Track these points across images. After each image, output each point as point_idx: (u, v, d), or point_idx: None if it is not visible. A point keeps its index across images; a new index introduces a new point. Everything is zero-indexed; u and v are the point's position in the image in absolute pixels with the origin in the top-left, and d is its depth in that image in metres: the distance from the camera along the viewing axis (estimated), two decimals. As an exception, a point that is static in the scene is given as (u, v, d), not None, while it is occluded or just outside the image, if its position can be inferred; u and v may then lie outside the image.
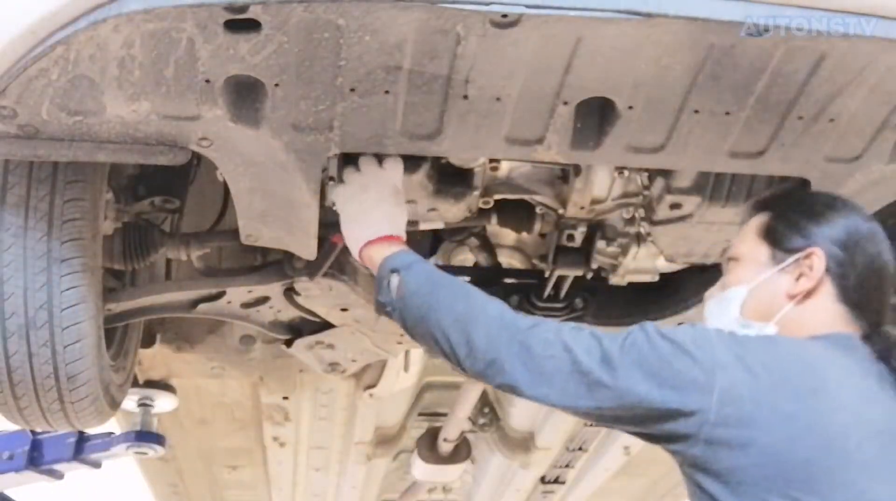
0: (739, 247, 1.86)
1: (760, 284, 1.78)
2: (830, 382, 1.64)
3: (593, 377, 1.68)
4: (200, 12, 1.63)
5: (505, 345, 1.75)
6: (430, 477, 4.47)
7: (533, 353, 1.72)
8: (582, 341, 1.71)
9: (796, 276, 1.76)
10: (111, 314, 2.50)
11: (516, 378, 1.74)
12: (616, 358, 1.67)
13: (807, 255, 1.76)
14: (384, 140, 1.92)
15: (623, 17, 1.67)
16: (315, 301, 2.59)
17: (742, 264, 1.83)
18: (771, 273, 1.78)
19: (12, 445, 3.93)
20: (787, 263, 1.77)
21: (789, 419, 1.59)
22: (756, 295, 1.79)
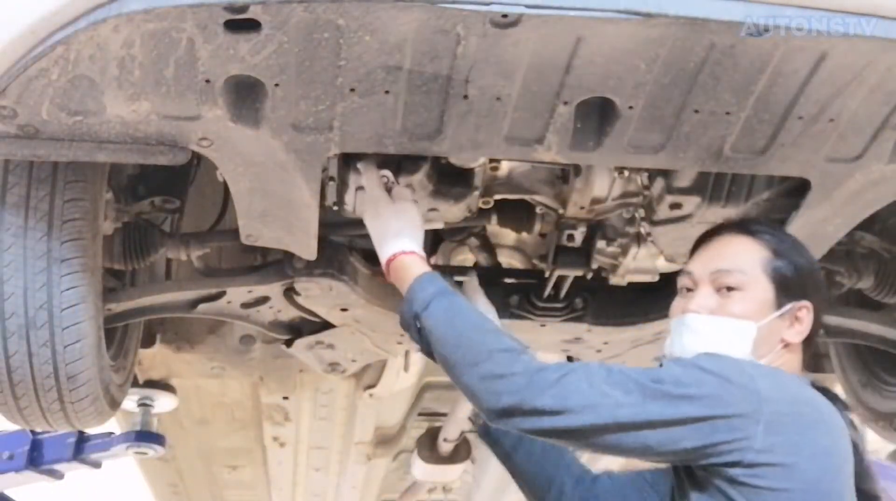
0: (741, 277, 1.86)
1: (764, 324, 1.84)
2: (843, 429, 1.80)
3: (635, 419, 1.71)
4: (200, 12, 1.63)
5: (538, 398, 1.74)
6: (430, 477, 4.46)
7: (569, 404, 1.72)
8: (619, 383, 1.73)
9: (788, 323, 1.85)
10: (111, 314, 2.50)
11: (558, 424, 1.74)
12: (657, 391, 1.72)
13: (801, 307, 1.85)
14: (384, 140, 1.92)
15: (623, 17, 1.67)
16: (315, 301, 2.59)
17: (746, 298, 1.85)
18: (774, 316, 1.84)
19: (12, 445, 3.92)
20: (786, 309, 1.84)
21: (826, 454, 1.73)
22: (759, 335, 1.84)
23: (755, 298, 1.85)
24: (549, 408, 1.72)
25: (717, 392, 1.72)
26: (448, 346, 1.87)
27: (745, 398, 1.71)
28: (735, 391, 1.72)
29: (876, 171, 2.05)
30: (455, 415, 3.89)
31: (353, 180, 2.19)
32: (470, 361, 1.81)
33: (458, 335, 1.86)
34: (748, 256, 1.88)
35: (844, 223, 2.25)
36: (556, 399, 1.72)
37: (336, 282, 2.50)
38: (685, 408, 1.71)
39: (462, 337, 1.85)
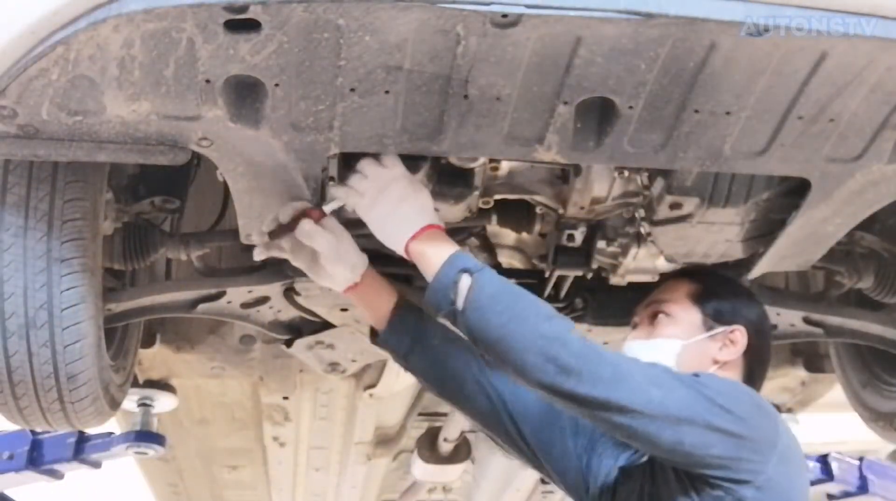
0: (671, 306, 2.16)
1: (692, 343, 2.10)
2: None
3: (681, 414, 1.85)
4: (200, 12, 1.63)
5: (595, 364, 1.84)
6: (430, 477, 4.46)
7: (624, 394, 1.84)
8: (671, 378, 1.91)
9: (720, 345, 2.11)
10: (111, 314, 2.50)
11: (612, 393, 1.84)
12: (705, 395, 1.88)
13: (733, 330, 2.11)
14: (384, 140, 1.92)
15: (623, 17, 1.67)
16: (315, 301, 2.59)
17: (675, 322, 2.14)
18: (703, 336, 2.11)
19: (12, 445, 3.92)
20: (717, 331, 2.11)
21: (805, 490, 1.99)
22: (687, 352, 2.09)
23: (682, 321, 2.13)
24: (612, 400, 1.83)
25: (750, 414, 1.91)
26: (496, 326, 1.87)
27: (769, 427, 1.94)
28: (763, 418, 1.94)
29: (876, 171, 2.05)
30: (455, 415, 3.89)
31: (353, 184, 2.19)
32: (522, 341, 1.85)
33: (515, 294, 1.91)
34: (679, 290, 2.19)
35: (844, 223, 2.25)
36: (612, 386, 1.83)
37: (336, 282, 2.49)
38: (724, 418, 1.86)
39: (512, 318, 1.87)
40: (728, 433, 1.86)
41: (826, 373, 3.40)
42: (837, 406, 3.40)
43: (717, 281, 2.23)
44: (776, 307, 2.72)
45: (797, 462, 2.00)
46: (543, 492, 4.96)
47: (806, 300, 2.87)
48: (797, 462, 2.00)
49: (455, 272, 1.91)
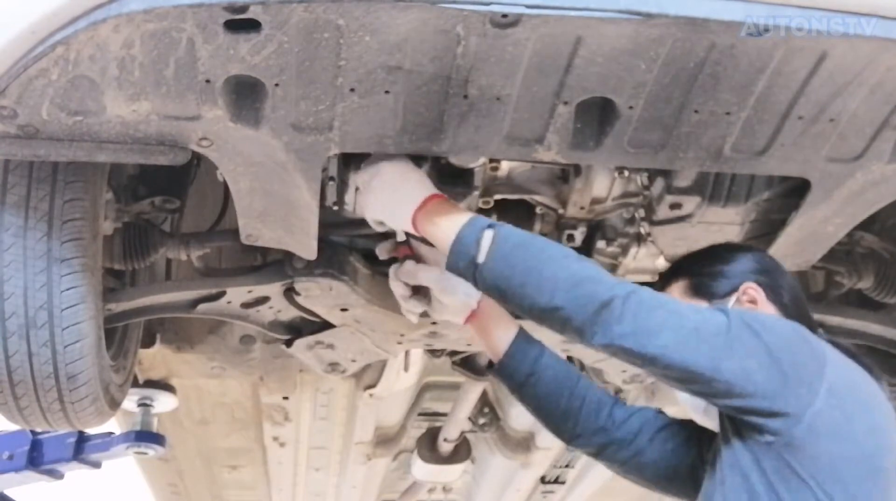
0: None
1: None
2: (890, 410, 1.88)
3: (720, 345, 1.75)
4: (200, 12, 1.63)
5: (628, 304, 1.76)
6: (430, 477, 4.46)
7: (655, 313, 1.77)
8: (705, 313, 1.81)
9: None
10: (111, 314, 2.50)
11: (652, 336, 1.76)
12: (740, 334, 1.76)
13: (743, 291, 1.96)
14: (384, 140, 1.92)
15: (623, 17, 1.67)
16: (315, 301, 2.59)
17: None
18: None
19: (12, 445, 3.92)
20: (731, 305, 1.95)
21: (881, 431, 1.81)
22: None
23: None
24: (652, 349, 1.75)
25: (789, 340, 1.81)
26: (522, 271, 1.82)
27: (811, 354, 1.81)
28: (803, 345, 1.82)
29: (876, 171, 2.05)
30: (455, 415, 3.89)
31: (353, 180, 2.19)
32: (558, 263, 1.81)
33: (537, 240, 1.86)
34: (675, 296, 2.01)
35: (844, 223, 2.25)
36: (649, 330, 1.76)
37: (336, 282, 2.50)
38: (762, 343, 1.76)
39: (539, 261, 1.82)
40: (768, 360, 1.76)
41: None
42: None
43: (698, 262, 2.08)
44: (776, 307, 2.72)
45: (858, 398, 1.82)
46: (543, 492, 4.96)
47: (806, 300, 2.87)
48: (858, 397, 1.83)
49: (478, 231, 1.86)
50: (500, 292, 1.85)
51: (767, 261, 2.06)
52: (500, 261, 1.83)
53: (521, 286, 1.82)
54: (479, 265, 1.85)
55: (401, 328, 2.71)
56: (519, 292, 1.83)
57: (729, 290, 1.98)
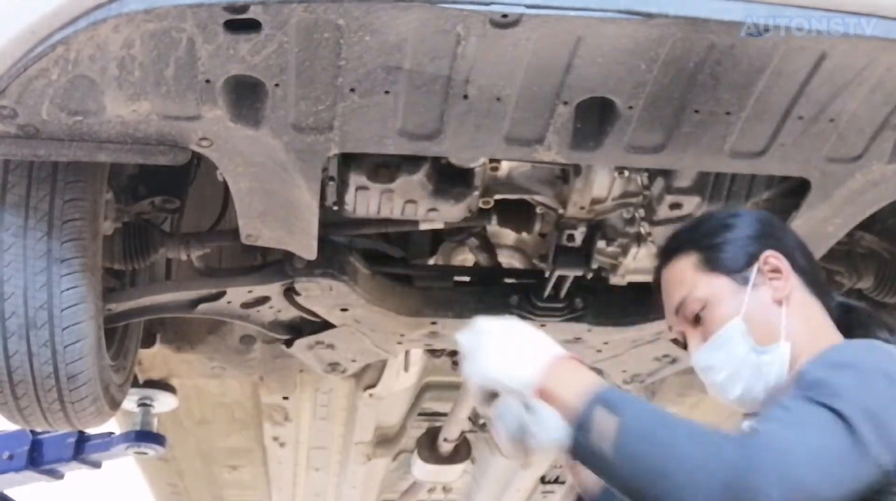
0: (695, 294, 1.76)
1: (749, 309, 1.72)
2: None
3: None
4: (200, 12, 1.63)
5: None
6: (430, 477, 4.46)
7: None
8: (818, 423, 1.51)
9: (767, 283, 1.72)
10: (111, 314, 2.50)
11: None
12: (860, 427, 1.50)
13: (764, 259, 1.73)
14: (384, 140, 1.92)
15: (623, 17, 1.67)
16: (315, 301, 2.59)
17: (714, 305, 1.75)
18: (748, 292, 1.72)
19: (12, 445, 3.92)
20: (754, 277, 1.72)
21: None
22: (751, 320, 1.72)
23: (719, 298, 1.75)
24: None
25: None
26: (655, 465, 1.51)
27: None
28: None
29: (876, 171, 2.05)
30: (455, 415, 3.89)
31: (354, 180, 2.20)
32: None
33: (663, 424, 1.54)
34: (684, 274, 1.79)
35: (844, 223, 2.25)
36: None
37: (336, 282, 2.50)
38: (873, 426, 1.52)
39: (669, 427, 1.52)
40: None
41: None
42: (837, 406, 3.39)
43: (701, 233, 1.83)
44: (776, 307, 2.72)
45: None
46: (543, 492, 4.96)
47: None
48: None
49: (588, 406, 1.55)
50: (627, 487, 1.57)
51: (768, 223, 1.82)
52: (625, 459, 1.54)
53: (650, 485, 1.53)
54: (601, 457, 1.55)
55: (401, 328, 2.71)
56: (644, 490, 1.54)
57: (746, 260, 1.74)
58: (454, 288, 2.76)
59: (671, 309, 1.82)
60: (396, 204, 2.26)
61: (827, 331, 1.72)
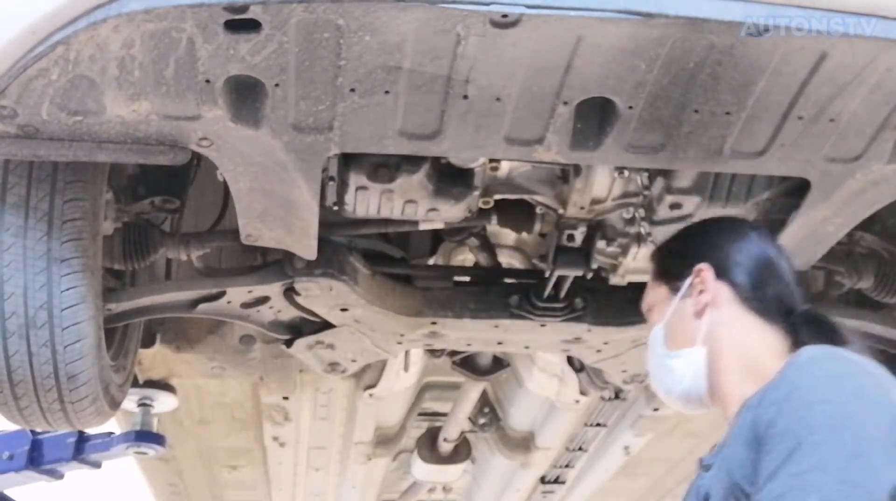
0: (647, 299, 1.98)
1: (671, 317, 1.88)
2: None
3: None
4: (200, 12, 1.63)
5: None
6: (430, 477, 4.46)
7: None
8: None
9: (693, 299, 1.85)
10: (111, 314, 2.50)
11: None
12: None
13: (696, 273, 1.85)
14: (384, 140, 1.92)
15: (623, 17, 1.67)
16: (315, 301, 2.59)
17: (654, 310, 1.94)
18: (674, 304, 1.88)
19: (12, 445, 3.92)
20: (683, 289, 1.87)
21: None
22: (671, 328, 1.88)
23: (657, 305, 1.93)
24: None
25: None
26: None
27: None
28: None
29: (876, 171, 2.05)
30: (455, 415, 3.89)
31: (354, 180, 2.20)
32: None
33: None
34: (651, 284, 1.98)
35: (844, 223, 2.25)
36: None
37: (336, 282, 2.50)
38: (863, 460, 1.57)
39: None
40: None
41: (826, 373, 3.39)
42: (837, 406, 3.39)
43: (668, 246, 2.01)
44: (776, 307, 2.72)
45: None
46: (543, 492, 4.96)
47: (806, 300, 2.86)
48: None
49: None
50: None
51: (729, 239, 1.91)
52: None
53: None
54: None
55: (401, 328, 2.71)
56: None
57: (682, 272, 1.88)
58: (454, 288, 2.76)
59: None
60: (396, 204, 2.27)
61: (758, 351, 1.79)
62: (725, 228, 1.95)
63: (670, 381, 1.89)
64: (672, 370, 1.88)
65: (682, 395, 1.89)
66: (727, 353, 1.81)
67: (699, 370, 1.84)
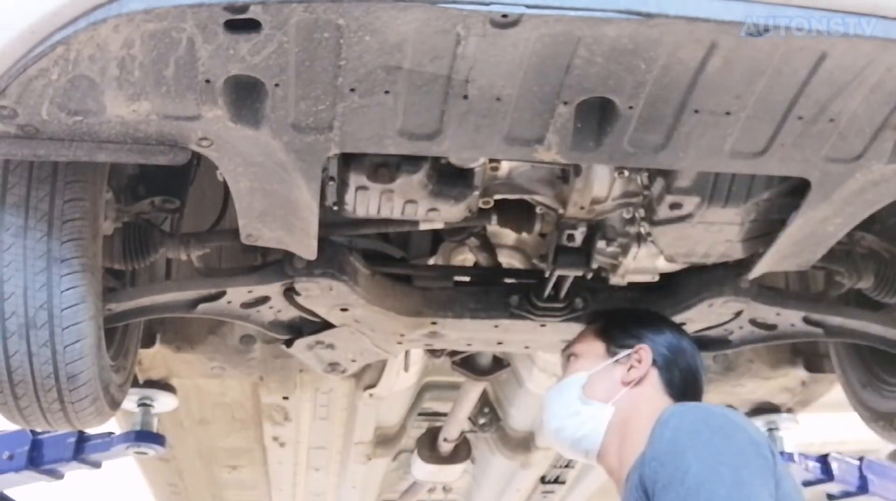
0: (578, 346, 2.29)
1: (598, 371, 2.20)
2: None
3: None
4: (200, 12, 1.63)
5: None
6: (430, 477, 4.46)
7: None
8: None
9: (628, 367, 2.18)
10: (111, 314, 2.50)
11: None
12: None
13: (636, 350, 2.20)
14: (384, 140, 1.92)
15: (623, 17, 1.67)
16: (315, 301, 2.59)
17: (581, 358, 2.25)
18: (607, 363, 2.21)
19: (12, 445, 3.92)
20: (621, 355, 2.20)
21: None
22: (594, 380, 2.19)
23: (587, 355, 2.25)
24: None
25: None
26: None
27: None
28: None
29: (876, 171, 2.05)
30: (455, 415, 3.89)
31: (354, 180, 2.19)
32: None
33: None
34: (586, 333, 2.33)
35: (844, 223, 2.25)
36: None
37: (336, 282, 2.50)
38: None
39: None
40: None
41: (826, 373, 3.39)
42: (837, 406, 3.40)
43: (620, 315, 2.37)
44: (776, 307, 2.72)
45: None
46: (543, 492, 4.96)
47: (806, 300, 2.87)
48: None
49: None
50: None
51: (678, 344, 2.26)
52: None
53: None
54: None
55: (401, 328, 2.71)
56: None
57: (628, 344, 2.22)
58: (454, 288, 2.76)
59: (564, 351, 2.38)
60: (396, 204, 2.27)
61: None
62: (677, 333, 2.31)
63: (570, 423, 2.18)
64: (577, 414, 2.17)
65: (574, 441, 2.18)
66: (634, 422, 2.08)
67: (600, 425, 2.13)
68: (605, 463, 2.16)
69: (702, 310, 2.63)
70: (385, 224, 2.47)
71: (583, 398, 2.18)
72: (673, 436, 1.88)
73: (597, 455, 2.17)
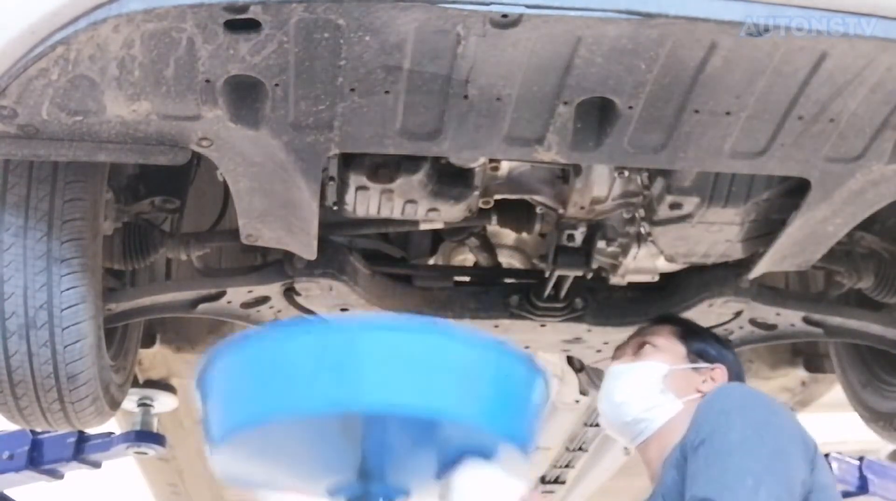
0: (656, 338, 2.26)
1: (679, 369, 2.18)
2: None
3: None
4: (200, 12, 1.63)
5: None
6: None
7: None
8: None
9: (703, 379, 2.18)
10: (111, 314, 2.50)
11: None
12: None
13: (715, 368, 2.20)
14: (384, 140, 1.92)
15: (623, 17, 1.67)
16: (315, 301, 2.59)
17: (661, 351, 2.23)
18: (688, 366, 2.20)
19: (12, 445, 3.91)
20: (701, 366, 2.20)
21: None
22: (674, 377, 2.17)
23: (668, 351, 2.22)
24: None
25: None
26: None
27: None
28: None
29: (876, 171, 2.05)
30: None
31: (354, 180, 2.19)
32: None
33: None
34: (663, 329, 2.29)
35: (844, 223, 2.25)
36: None
37: (336, 282, 2.50)
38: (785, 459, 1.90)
39: None
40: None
41: (826, 373, 3.39)
42: (837, 406, 3.40)
43: (697, 326, 2.38)
44: (776, 307, 2.72)
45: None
46: (543, 492, 4.96)
47: (806, 300, 2.87)
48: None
49: None
50: None
51: (742, 374, 2.29)
52: None
53: None
54: None
55: None
56: None
57: (709, 358, 2.22)
58: (454, 288, 2.76)
59: (628, 339, 2.32)
60: (396, 204, 2.27)
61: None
62: (734, 351, 2.34)
63: (638, 403, 2.15)
64: (649, 398, 2.14)
65: (633, 420, 2.15)
66: (684, 425, 2.04)
67: (664, 416, 2.11)
68: (646, 452, 2.17)
69: (702, 310, 2.63)
70: (385, 224, 2.47)
71: (661, 386, 2.16)
72: (721, 405, 1.96)
73: (643, 441, 2.17)
